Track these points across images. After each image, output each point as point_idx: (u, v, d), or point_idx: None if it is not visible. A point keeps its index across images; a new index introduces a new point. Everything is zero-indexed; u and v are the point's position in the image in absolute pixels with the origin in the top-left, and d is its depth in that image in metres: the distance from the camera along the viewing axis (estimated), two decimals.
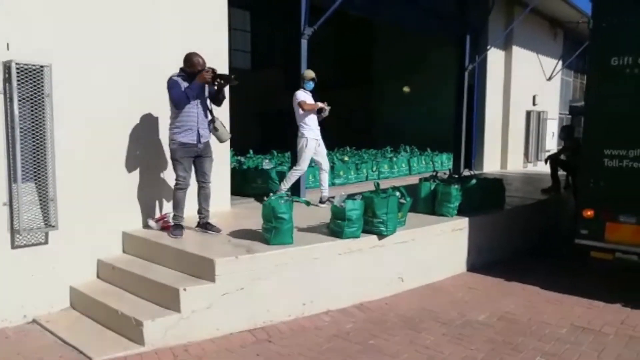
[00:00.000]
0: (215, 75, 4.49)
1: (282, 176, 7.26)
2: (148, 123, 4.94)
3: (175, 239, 4.53)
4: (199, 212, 4.77)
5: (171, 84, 4.45)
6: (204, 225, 4.75)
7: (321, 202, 6.16)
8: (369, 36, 14.06)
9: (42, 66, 4.09)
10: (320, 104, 6.01)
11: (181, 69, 4.55)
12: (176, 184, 4.62)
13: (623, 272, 5.26)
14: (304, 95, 6.00)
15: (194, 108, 4.50)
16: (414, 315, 4.38)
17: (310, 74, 6.03)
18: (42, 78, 4.09)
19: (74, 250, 4.45)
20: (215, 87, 4.63)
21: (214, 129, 4.67)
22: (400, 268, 4.97)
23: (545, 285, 5.14)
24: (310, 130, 6.00)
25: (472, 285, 5.25)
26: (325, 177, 6.32)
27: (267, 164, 7.52)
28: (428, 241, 5.23)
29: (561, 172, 8.12)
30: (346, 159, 9.12)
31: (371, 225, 4.71)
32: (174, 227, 4.64)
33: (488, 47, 10.50)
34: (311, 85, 6.06)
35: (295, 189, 6.53)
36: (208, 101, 4.71)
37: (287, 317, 4.20)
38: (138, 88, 4.81)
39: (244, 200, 6.62)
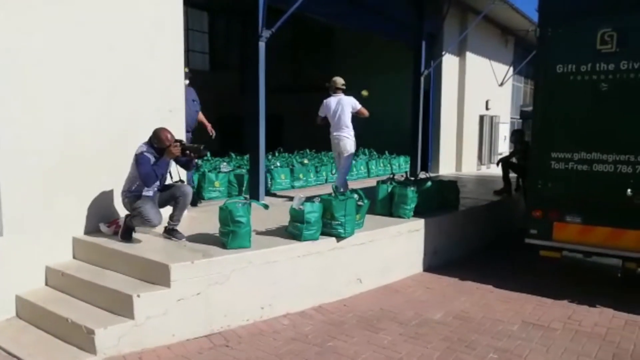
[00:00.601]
0: (183, 148, 4.50)
1: (240, 179, 7.21)
2: (100, 127, 4.77)
3: (123, 242, 4.42)
4: (171, 217, 4.60)
5: (141, 161, 4.33)
6: (170, 232, 4.59)
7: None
8: (327, 41, 14.15)
9: None
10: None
11: (150, 142, 4.46)
12: (146, 222, 4.34)
13: (570, 269, 5.49)
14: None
15: (157, 182, 4.49)
16: (372, 315, 4.43)
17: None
18: None
19: (20, 257, 4.24)
20: (185, 159, 4.63)
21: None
22: (359, 269, 5.01)
23: (498, 284, 5.31)
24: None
25: (428, 285, 5.36)
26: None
27: (225, 167, 7.43)
28: (385, 242, 5.30)
29: (512, 174, 8.42)
30: (306, 161, 9.14)
31: (329, 227, 4.73)
32: (124, 228, 4.48)
33: (443, 53, 10.79)
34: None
35: (254, 192, 6.48)
36: (172, 165, 4.70)
37: (245, 322, 4.16)
38: (92, 90, 4.66)
39: (201, 203, 6.51)
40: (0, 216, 4.05)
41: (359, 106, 6.69)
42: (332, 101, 6.70)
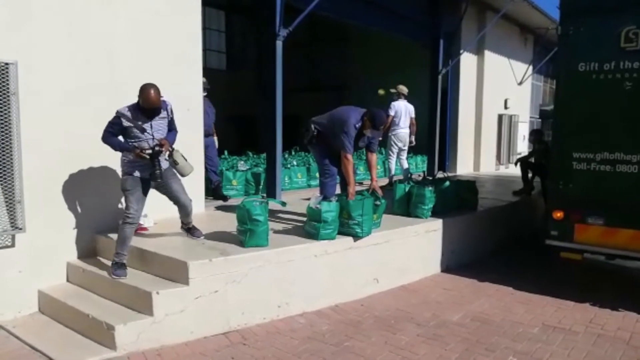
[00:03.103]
0: (152, 155, 3.97)
1: (257, 178, 7.24)
2: None
3: (118, 279, 3.98)
4: (182, 221, 4.55)
5: (111, 120, 3.97)
6: (188, 230, 4.56)
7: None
8: (342, 40, 14.12)
9: (7, 63, 3.96)
10: None
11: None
12: (125, 218, 4.03)
13: (591, 272, 5.40)
14: None
15: (148, 142, 4.00)
16: (389, 316, 4.41)
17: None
18: (7, 76, 3.96)
19: (42, 253, 4.32)
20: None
21: (173, 162, 4.15)
22: (375, 269, 4.99)
23: (517, 286, 5.23)
24: None
25: (446, 286, 5.31)
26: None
27: (242, 166, 7.46)
28: (402, 243, 5.26)
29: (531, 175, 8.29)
30: None
31: (347, 227, 4.71)
32: (116, 266, 4.04)
33: (461, 51, 10.68)
34: None
35: (272, 190, 6.50)
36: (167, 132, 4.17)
37: (262, 320, 4.17)
38: (115, 86, 4.70)
39: (218, 202, 6.54)
40: (23, 213, 4.12)
41: (414, 114, 8.28)
42: (401, 104, 8.14)
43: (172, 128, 4.22)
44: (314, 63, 14.86)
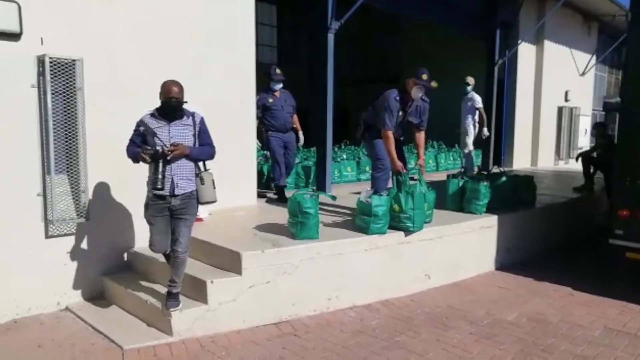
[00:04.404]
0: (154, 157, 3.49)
1: (307, 171, 7.30)
2: None
3: (174, 310, 3.68)
4: (170, 280, 3.71)
5: (134, 129, 3.61)
6: (168, 295, 3.71)
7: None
8: (396, 31, 13.90)
9: (74, 60, 4.17)
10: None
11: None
12: (149, 245, 3.83)
13: None
14: None
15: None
16: (440, 313, 4.33)
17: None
18: (74, 71, 4.18)
19: (104, 240, 4.55)
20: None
21: (200, 180, 3.65)
22: (427, 265, 4.91)
23: (576, 286, 5.00)
24: None
25: (500, 284, 5.15)
26: None
27: None
28: (455, 238, 5.14)
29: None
30: None
31: (398, 221, 4.65)
32: (170, 297, 3.70)
33: (519, 41, 10.27)
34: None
35: (322, 184, 6.52)
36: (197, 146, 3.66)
37: (312, 312, 4.20)
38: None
39: (269, 194, 6.64)
40: (87, 201, 4.35)
41: None
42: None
43: (203, 143, 3.65)
44: (365, 55, 14.73)
